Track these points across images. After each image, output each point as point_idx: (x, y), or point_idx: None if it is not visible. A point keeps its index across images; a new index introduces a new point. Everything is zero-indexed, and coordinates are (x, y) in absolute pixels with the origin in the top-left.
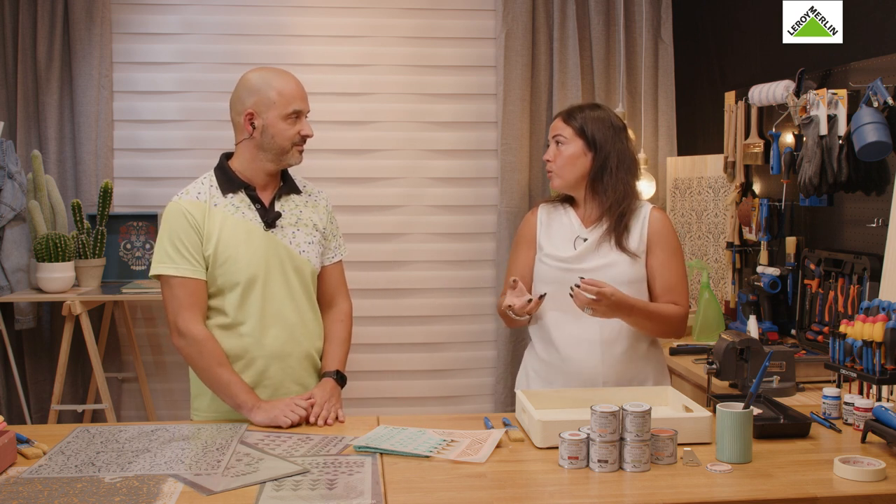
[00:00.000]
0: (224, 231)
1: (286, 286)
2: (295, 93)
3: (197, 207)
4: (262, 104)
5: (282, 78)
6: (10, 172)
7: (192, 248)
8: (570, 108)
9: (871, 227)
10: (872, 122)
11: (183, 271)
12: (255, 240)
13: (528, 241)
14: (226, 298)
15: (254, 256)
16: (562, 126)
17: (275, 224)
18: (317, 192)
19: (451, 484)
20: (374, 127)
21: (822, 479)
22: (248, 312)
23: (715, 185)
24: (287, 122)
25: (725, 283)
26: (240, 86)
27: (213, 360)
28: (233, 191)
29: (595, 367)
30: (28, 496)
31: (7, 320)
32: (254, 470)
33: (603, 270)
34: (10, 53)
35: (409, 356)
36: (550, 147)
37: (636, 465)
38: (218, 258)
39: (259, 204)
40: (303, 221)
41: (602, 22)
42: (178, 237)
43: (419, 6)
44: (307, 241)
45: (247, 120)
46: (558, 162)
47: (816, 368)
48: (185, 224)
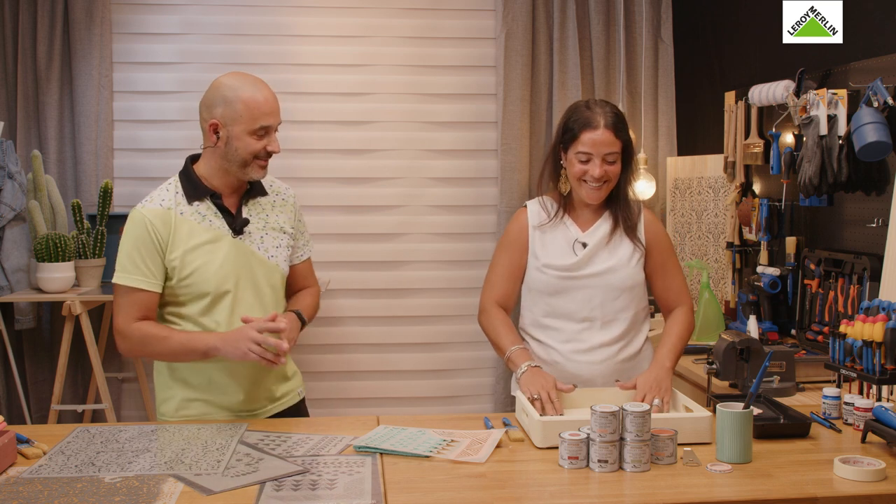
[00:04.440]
0: (191, 241)
1: (256, 293)
2: (264, 108)
3: (160, 216)
4: (229, 116)
5: (253, 90)
6: (10, 172)
7: (147, 259)
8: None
9: (871, 227)
10: (872, 122)
11: (134, 281)
12: (223, 248)
13: (518, 246)
14: (194, 308)
15: (222, 267)
16: (613, 141)
17: (242, 231)
18: (284, 190)
19: (451, 484)
20: (374, 127)
21: (822, 479)
22: (217, 321)
23: (715, 185)
24: (253, 137)
25: (725, 283)
26: (210, 91)
27: (156, 336)
28: (198, 199)
29: (593, 371)
30: (28, 496)
31: (7, 320)
32: (254, 470)
33: (604, 276)
34: (10, 53)
35: (409, 356)
36: (597, 164)
37: (636, 465)
38: (185, 268)
39: (225, 212)
40: (270, 225)
41: (602, 22)
42: (135, 247)
43: (419, 6)
44: (275, 246)
45: (211, 129)
46: (612, 180)
47: (816, 368)
48: (144, 234)
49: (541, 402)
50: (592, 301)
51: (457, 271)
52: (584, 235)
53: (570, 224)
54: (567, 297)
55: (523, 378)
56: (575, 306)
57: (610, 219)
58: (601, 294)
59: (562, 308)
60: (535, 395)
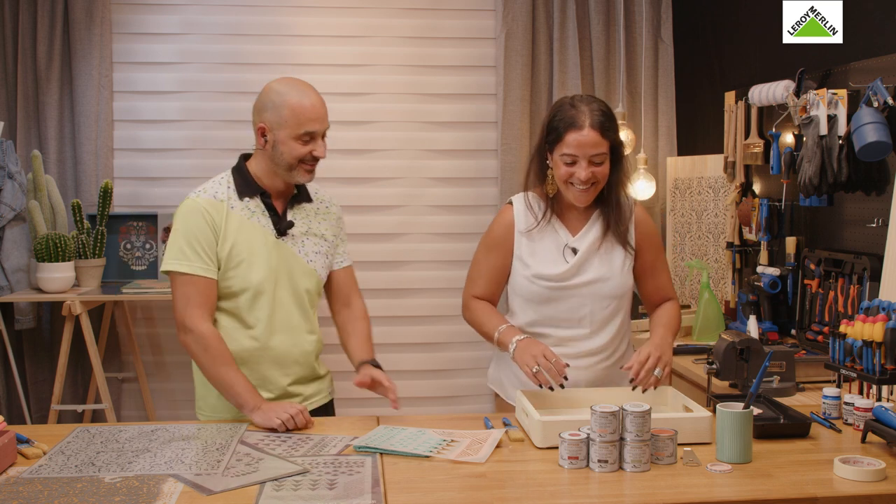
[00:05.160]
0: (240, 235)
1: (294, 294)
2: (310, 113)
3: (214, 207)
4: (275, 121)
5: (299, 95)
6: (10, 172)
7: (206, 247)
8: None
9: (871, 227)
10: (872, 122)
11: (195, 269)
12: (267, 247)
13: (503, 250)
14: (237, 301)
15: (265, 263)
16: (600, 141)
17: (286, 233)
18: (328, 200)
19: (451, 484)
20: (374, 127)
21: (822, 479)
22: (258, 317)
23: (715, 185)
24: (298, 142)
25: (725, 283)
26: (261, 95)
27: (218, 358)
28: (249, 195)
29: (577, 376)
30: (28, 496)
31: (7, 320)
32: (254, 470)
33: (596, 285)
34: (10, 53)
35: (409, 356)
36: (583, 167)
37: (636, 465)
38: (231, 261)
39: (273, 211)
40: (312, 231)
41: (602, 22)
42: (194, 234)
43: (419, 6)
44: (315, 252)
45: (259, 133)
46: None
47: (816, 368)
48: (201, 222)
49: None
50: (582, 309)
51: (457, 271)
52: (575, 240)
53: (558, 227)
54: (557, 305)
55: (516, 353)
56: (564, 314)
57: (600, 220)
58: (591, 303)
59: (550, 315)
60: (534, 367)
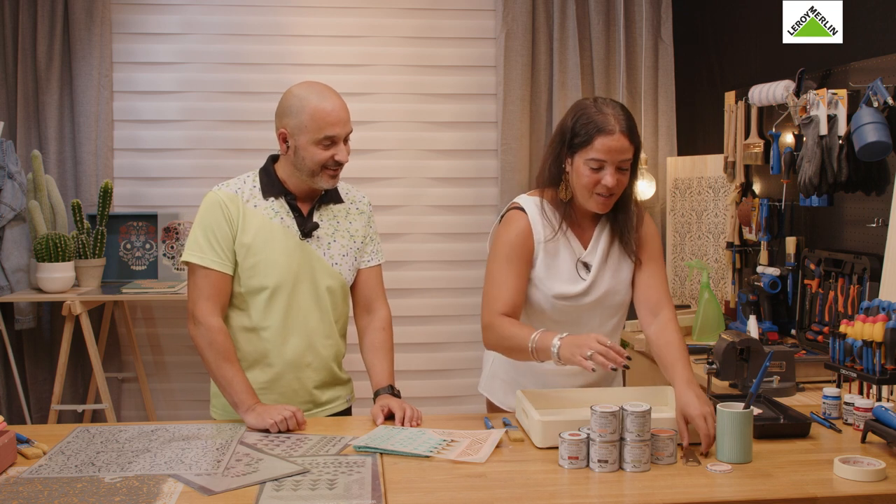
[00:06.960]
0: (259, 235)
1: (314, 297)
2: (330, 118)
3: (233, 200)
4: (295, 126)
5: (319, 99)
6: (10, 172)
7: (222, 241)
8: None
9: (871, 227)
10: (872, 122)
11: (208, 262)
12: (289, 248)
13: (526, 257)
14: (251, 301)
15: (285, 265)
16: (628, 147)
17: (311, 234)
18: (359, 199)
19: (451, 484)
20: (375, 127)
21: (822, 479)
22: (272, 318)
23: (715, 185)
24: (319, 147)
25: (725, 283)
26: (282, 100)
27: (222, 354)
28: (274, 196)
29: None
30: (28, 496)
31: (7, 320)
32: (254, 470)
33: (605, 299)
34: (10, 53)
35: (409, 356)
36: (611, 173)
37: (636, 465)
38: (248, 259)
39: (297, 213)
40: (339, 233)
41: (602, 22)
42: (210, 228)
43: (419, 6)
44: (341, 254)
45: (280, 138)
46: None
47: (816, 368)
48: (219, 215)
49: (600, 356)
50: (591, 323)
51: (457, 271)
52: (586, 253)
53: (571, 238)
54: (565, 317)
55: (562, 351)
56: (570, 326)
57: (607, 226)
58: (599, 315)
59: (555, 323)
60: (587, 353)
